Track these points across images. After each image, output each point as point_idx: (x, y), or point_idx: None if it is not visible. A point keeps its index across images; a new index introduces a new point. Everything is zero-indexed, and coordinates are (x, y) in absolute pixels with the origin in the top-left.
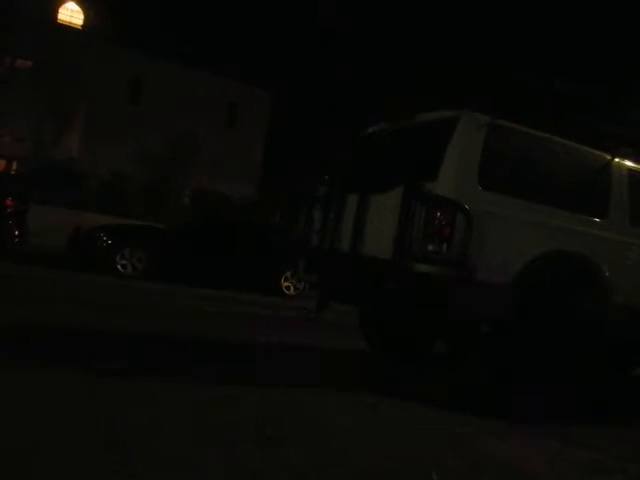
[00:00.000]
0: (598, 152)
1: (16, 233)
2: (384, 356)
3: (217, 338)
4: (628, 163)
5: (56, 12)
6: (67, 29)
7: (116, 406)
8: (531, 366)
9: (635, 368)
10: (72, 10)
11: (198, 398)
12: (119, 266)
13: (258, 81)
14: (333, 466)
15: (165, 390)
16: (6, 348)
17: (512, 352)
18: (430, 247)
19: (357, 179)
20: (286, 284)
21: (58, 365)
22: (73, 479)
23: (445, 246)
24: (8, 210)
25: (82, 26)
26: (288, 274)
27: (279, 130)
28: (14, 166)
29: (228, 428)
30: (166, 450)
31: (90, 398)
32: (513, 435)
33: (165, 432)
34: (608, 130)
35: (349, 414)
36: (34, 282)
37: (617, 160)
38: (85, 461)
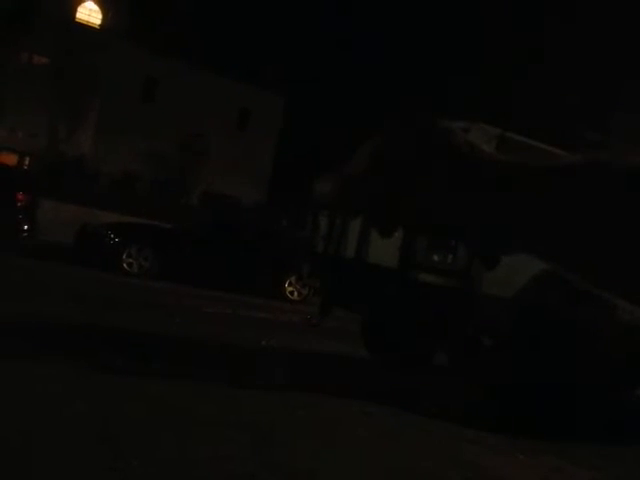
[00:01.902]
0: None
1: (25, 227)
2: (384, 364)
3: (218, 340)
4: None
5: (75, 10)
6: (85, 28)
7: (113, 402)
8: (531, 381)
9: (637, 386)
10: (91, 9)
11: (195, 397)
12: (125, 264)
13: (271, 86)
14: (325, 471)
15: (162, 388)
16: (10, 340)
17: (513, 366)
18: (435, 257)
19: None
20: (290, 289)
21: (58, 359)
22: (66, 474)
23: (451, 257)
24: (19, 204)
25: (100, 25)
26: (292, 279)
27: (290, 135)
28: (26, 161)
29: (223, 428)
30: (160, 448)
31: (87, 393)
32: (510, 450)
33: (160, 430)
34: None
35: (345, 421)
36: (40, 277)
37: None
38: (79, 456)
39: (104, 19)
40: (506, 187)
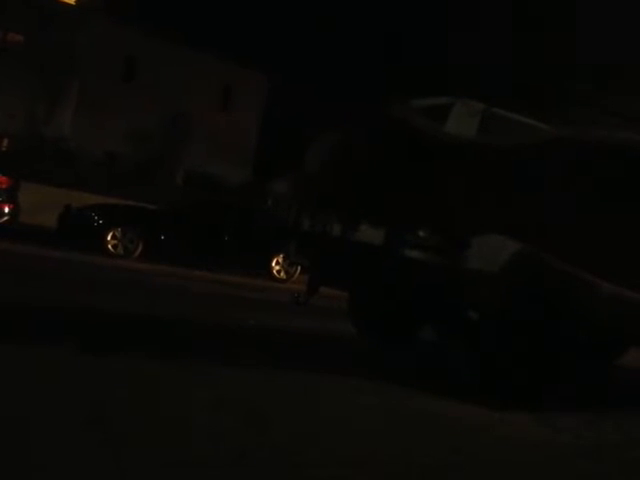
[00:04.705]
0: None
1: (6, 210)
2: (372, 341)
3: (205, 320)
4: None
5: None
6: (61, 4)
7: (98, 384)
8: (517, 354)
9: (618, 357)
10: None
11: (183, 377)
12: (110, 246)
13: (255, 63)
14: (315, 447)
15: (149, 369)
16: None
17: (500, 340)
18: (421, 234)
19: None
20: (277, 268)
21: (44, 342)
22: (51, 459)
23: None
24: (0, 187)
25: (76, 2)
26: (279, 258)
27: (275, 113)
28: (5, 143)
29: (213, 407)
30: (149, 428)
31: (72, 375)
32: (497, 423)
33: (148, 410)
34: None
35: (333, 397)
36: (23, 261)
37: None
38: (65, 439)
39: None
40: (472, 169)
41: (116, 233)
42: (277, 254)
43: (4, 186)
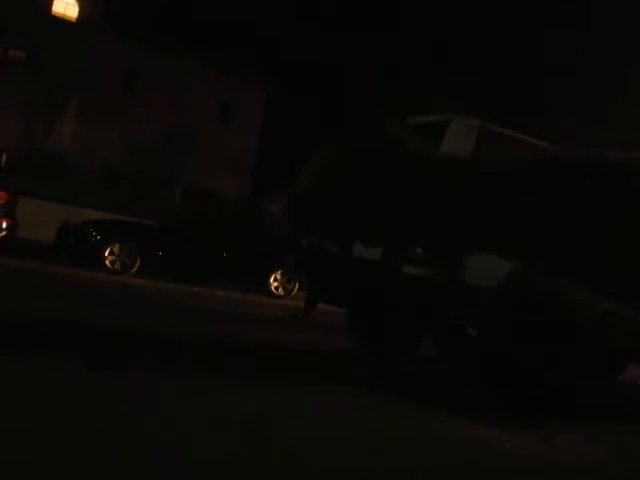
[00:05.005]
0: None
1: (4, 225)
2: (370, 356)
3: (204, 336)
4: None
5: (51, 4)
6: (61, 21)
7: (98, 399)
8: (516, 369)
9: (619, 373)
10: (67, 2)
11: (182, 394)
12: (107, 262)
13: (254, 77)
14: (315, 464)
15: (148, 385)
16: None
17: (498, 355)
18: (419, 250)
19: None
20: (275, 284)
21: (41, 356)
22: (50, 473)
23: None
24: None
25: (77, 19)
26: (278, 274)
27: (274, 127)
28: (4, 158)
29: (212, 424)
30: (148, 444)
31: (71, 391)
32: (496, 437)
33: (147, 427)
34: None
35: (333, 414)
36: (22, 276)
37: None
38: (63, 454)
39: (81, 12)
40: (468, 188)
41: (114, 249)
42: (275, 270)
43: (2, 201)
